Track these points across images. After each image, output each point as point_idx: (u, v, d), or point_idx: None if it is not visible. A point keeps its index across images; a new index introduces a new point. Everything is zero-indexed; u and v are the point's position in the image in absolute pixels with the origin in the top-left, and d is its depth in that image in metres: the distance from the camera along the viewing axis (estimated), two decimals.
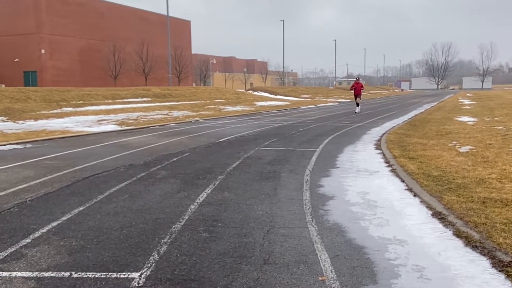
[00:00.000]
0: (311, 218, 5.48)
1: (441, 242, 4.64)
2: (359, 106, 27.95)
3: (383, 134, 15.18)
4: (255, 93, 59.94)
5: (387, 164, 9.23)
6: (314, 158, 10.11)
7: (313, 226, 5.15)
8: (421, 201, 6.20)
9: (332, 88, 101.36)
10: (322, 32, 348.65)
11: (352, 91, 29.22)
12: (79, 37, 51.44)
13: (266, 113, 29.85)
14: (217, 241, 4.67)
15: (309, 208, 5.93)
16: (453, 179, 7.31)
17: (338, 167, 8.99)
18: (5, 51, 48.46)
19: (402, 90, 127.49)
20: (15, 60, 48.40)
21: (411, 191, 6.79)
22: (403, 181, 7.51)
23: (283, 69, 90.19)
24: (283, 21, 77.03)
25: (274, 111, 32.14)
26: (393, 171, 8.44)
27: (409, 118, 22.69)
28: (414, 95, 79.17)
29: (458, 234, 4.80)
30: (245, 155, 10.53)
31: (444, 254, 4.32)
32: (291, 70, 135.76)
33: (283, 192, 6.83)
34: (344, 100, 53.10)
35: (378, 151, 11.27)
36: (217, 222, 5.32)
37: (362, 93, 28.57)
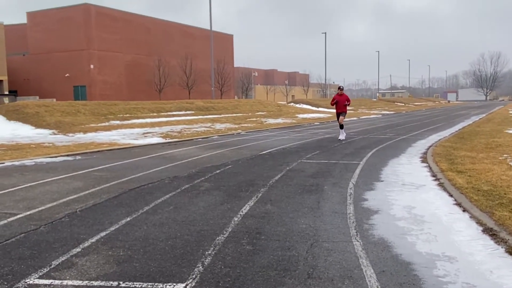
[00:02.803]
0: (356, 232, 5.40)
1: (492, 259, 4.46)
2: (343, 131, 18.27)
3: (429, 147, 14.81)
4: (297, 105, 59.87)
5: (434, 178, 8.98)
6: (357, 171, 9.97)
7: (357, 241, 5.07)
8: (470, 217, 5.99)
9: (375, 100, 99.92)
10: (364, 43, 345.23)
11: (334, 106, 18.57)
12: (126, 52, 53.15)
13: (308, 125, 29.74)
14: (260, 253, 4.67)
15: (353, 222, 5.85)
16: (505, 193, 7.03)
17: (382, 181, 8.83)
18: (57, 66, 50.68)
19: (449, 101, 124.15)
20: (66, 75, 50.49)
21: (460, 206, 6.57)
22: (451, 196, 7.28)
23: (325, 81, 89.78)
24: (325, 33, 76.89)
25: (316, 123, 31.98)
26: (441, 185, 8.21)
27: (456, 131, 22.03)
28: (461, 106, 76.87)
29: (511, 251, 4.60)
30: (288, 168, 10.52)
31: (497, 272, 4.15)
32: (333, 82, 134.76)
33: (326, 206, 6.76)
34: (387, 112, 52.23)
35: (424, 164, 10.99)
36: (260, 234, 5.33)
37: (347, 109, 18.40)
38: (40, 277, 4.06)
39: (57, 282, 3.96)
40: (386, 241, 5.08)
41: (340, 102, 17.92)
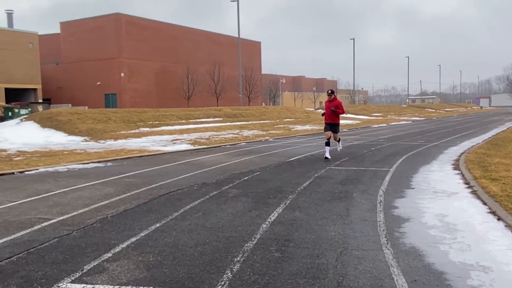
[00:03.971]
0: (386, 240, 5.31)
1: None
2: (339, 144, 14.60)
3: (462, 153, 14.48)
4: None
5: (467, 186, 8.76)
6: (387, 178, 9.83)
7: (388, 249, 4.98)
8: (506, 226, 5.82)
9: (404, 106, 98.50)
10: (393, 49, 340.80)
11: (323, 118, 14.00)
12: (155, 60, 54.02)
13: None
14: (289, 261, 4.65)
15: (383, 230, 5.75)
16: None
17: (413, 188, 8.67)
18: (89, 75, 51.92)
19: (481, 107, 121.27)
20: (97, 84, 51.64)
21: (495, 215, 6.39)
22: (485, 204, 7.09)
23: (353, 87, 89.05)
24: (353, 39, 76.39)
25: (344, 130, 31.72)
26: (474, 193, 8.00)
27: (489, 137, 21.48)
28: (494, 112, 74.98)
29: None
30: (316, 175, 10.45)
31: None
32: (361, 88, 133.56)
33: (355, 213, 6.68)
34: (418, 118, 51.39)
35: (457, 171, 10.75)
36: (289, 242, 5.30)
37: (339, 119, 13.84)
38: (73, 282, 4.13)
39: (89, 286, 4.02)
40: (417, 250, 4.98)
41: (328, 110, 13.43)
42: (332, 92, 13.68)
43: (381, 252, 4.90)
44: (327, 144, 13.45)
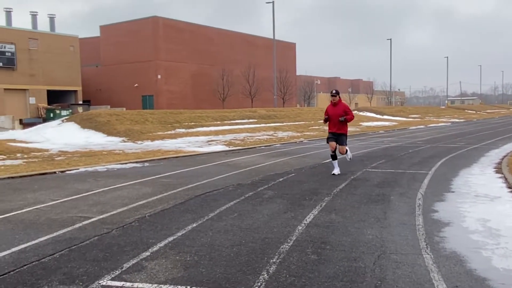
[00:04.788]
0: (426, 244, 5.18)
1: None
2: (348, 154, 11.30)
3: (504, 156, 14.00)
4: (360, 113, 58.79)
5: (510, 190, 8.46)
6: (426, 181, 9.61)
7: (428, 254, 4.86)
8: None
9: (443, 107, 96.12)
10: (430, 49, 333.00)
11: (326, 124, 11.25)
12: (191, 62, 54.71)
13: (372, 133, 29.11)
14: (326, 263, 4.60)
15: (422, 234, 5.62)
16: None
17: (453, 191, 8.44)
18: (127, 77, 53.09)
19: None
20: (135, 85, 52.72)
21: None
22: None
23: (390, 88, 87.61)
24: (390, 39, 75.17)
25: (381, 131, 31.24)
26: None
27: None
28: None
29: None
30: (352, 177, 10.32)
31: None
32: (398, 90, 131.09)
33: (393, 216, 6.56)
34: (457, 120, 50.08)
35: (499, 175, 10.40)
36: (325, 244, 5.25)
37: (347, 127, 11.14)
38: (113, 279, 4.23)
39: (128, 284, 4.10)
40: (459, 255, 4.84)
41: (334, 117, 10.73)
42: (337, 93, 10.95)
43: (420, 256, 4.79)
44: (333, 157, 10.86)
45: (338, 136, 10.87)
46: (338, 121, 10.68)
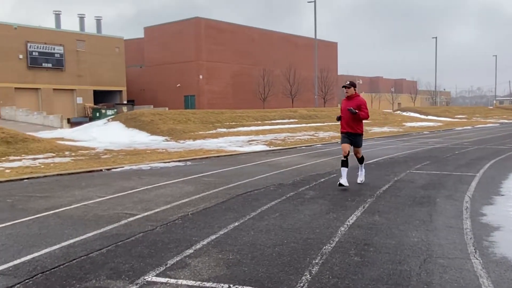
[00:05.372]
0: (474, 249, 5.01)
1: None
2: (362, 167, 9.69)
3: None
4: (404, 113, 57.56)
5: None
6: (473, 184, 9.29)
7: (476, 259, 4.70)
8: None
9: (491, 107, 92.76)
10: (477, 48, 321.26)
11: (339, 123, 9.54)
12: (232, 63, 55.13)
13: (416, 134, 28.44)
14: (369, 266, 4.53)
15: (471, 238, 5.44)
16: None
17: (503, 195, 8.12)
18: (170, 77, 54.09)
19: None
20: (177, 86, 53.63)
21: None
22: None
23: (435, 88, 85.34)
24: (436, 38, 73.21)
25: (425, 132, 30.48)
26: None
27: None
28: None
29: None
30: (395, 178, 10.12)
31: None
32: (444, 89, 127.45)
33: (439, 219, 6.38)
34: (506, 121, 48.22)
35: None
36: (368, 246, 5.17)
37: (362, 127, 9.38)
38: (157, 275, 4.31)
39: (172, 281, 4.17)
40: (510, 260, 4.65)
41: (346, 112, 9.02)
42: (351, 84, 9.09)
43: (468, 261, 4.63)
44: (344, 163, 8.87)
45: (351, 136, 9.14)
46: (351, 119, 8.98)
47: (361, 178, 9.53)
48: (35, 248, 5.18)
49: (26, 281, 4.21)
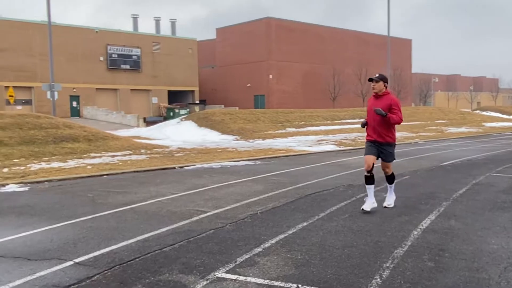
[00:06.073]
0: None
1: None
2: (391, 189, 7.40)
3: None
4: (484, 113, 54.48)
5: None
6: None
7: None
8: None
9: None
10: None
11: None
12: (302, 62, 54.95)
13: (497, 135, 26.84)
14: (444, 272, 4.34)
15: None
16: None
17: None
18: (240, 77, 54.94)
19: None
20: (248, 85, 54.33)
21: None
22: None
23: None
24: None
25: (507, 133, 28.69)
26: None
27: None
28: None
29: None
30: (473, 181, 9.61)
31: None
32: None
33: None
34: None
35: None
36: (443, 251, 4.95)
37: (394, 133, 7.06)
38: (227, 272, 4.40)
39: (241, 278, 4.24)
40: None
41: (373, 116, 6.91)
42: (380, 77, 6.95)
43: None
44: (369, 180, 7.04)
45: (379, 146, 7.02)
46: (379, 123, 6.87)
47: (389, 201, 7.32)
48: (113, 241, 5.47)
49: (105, 272, 4.46)
